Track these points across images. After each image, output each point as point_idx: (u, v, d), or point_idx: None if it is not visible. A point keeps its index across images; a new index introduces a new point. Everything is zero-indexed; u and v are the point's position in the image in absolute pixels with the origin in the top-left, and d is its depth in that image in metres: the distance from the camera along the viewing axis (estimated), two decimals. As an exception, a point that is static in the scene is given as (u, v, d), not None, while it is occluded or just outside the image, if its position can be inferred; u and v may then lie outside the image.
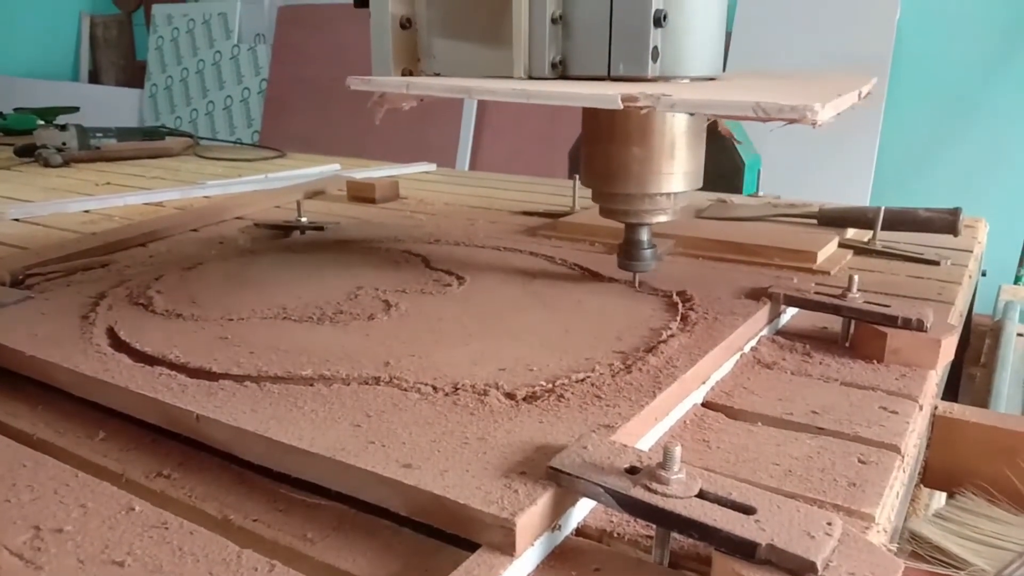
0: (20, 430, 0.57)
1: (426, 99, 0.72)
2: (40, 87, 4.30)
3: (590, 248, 1.11)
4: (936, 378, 0.68)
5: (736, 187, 1.58)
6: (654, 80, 0.69)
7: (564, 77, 0.73)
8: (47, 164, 2.03)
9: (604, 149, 0.76)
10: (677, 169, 0.75)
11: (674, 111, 0.63)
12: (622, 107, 0.58)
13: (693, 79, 0.72)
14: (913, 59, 2.90)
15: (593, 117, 0.76)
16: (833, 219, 1.18)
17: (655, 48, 0.68)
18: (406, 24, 0.77)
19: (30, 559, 0.42)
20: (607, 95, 0.59)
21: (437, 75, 0.77)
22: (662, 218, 0.79)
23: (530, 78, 0.72)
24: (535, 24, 0.70)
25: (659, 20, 0.67)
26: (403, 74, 0.78)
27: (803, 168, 2.96)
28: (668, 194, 0.76)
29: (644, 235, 0.81)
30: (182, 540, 0.43)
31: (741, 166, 1.86)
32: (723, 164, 1.86)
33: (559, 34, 0.71)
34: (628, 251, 0.82)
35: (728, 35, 3.16)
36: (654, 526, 0.41)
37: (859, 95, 0.70)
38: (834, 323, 0.75)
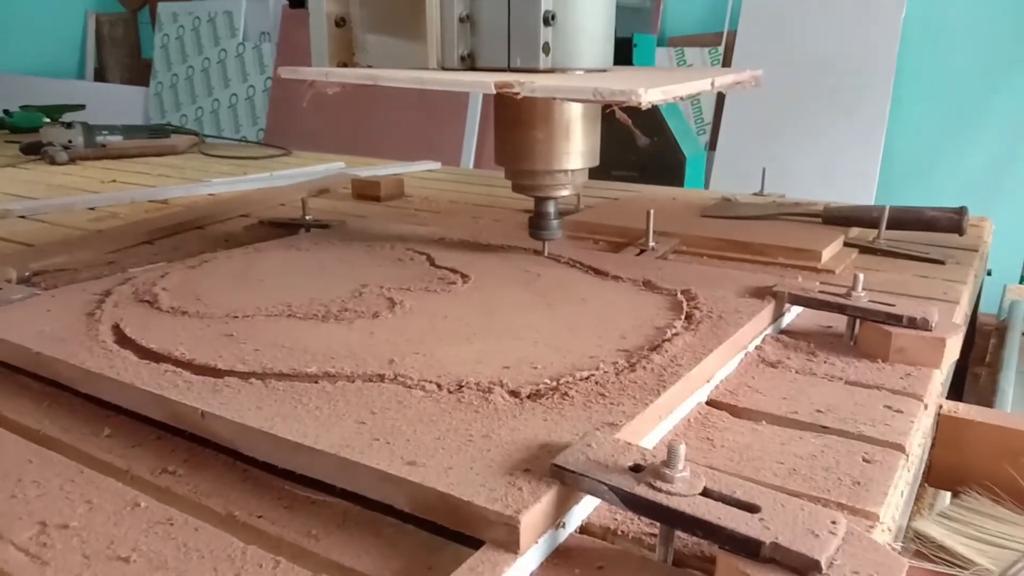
0: (26, 426, 0.57)
1: (347, 86, 0.83)
2: (46, 85, 4.31)
3: (594, 246, 1.11)
4: (941, 377, 0.68)
5: (678, 180, 1.59)
6: (546, 71, 0.80)
7: (473, 68, 0.83)
8: (53, 162, 2.04)
9: (512, 133, 0.87)
10: (574, 149, 0.87)
11: (534, 95, 0.70)
12: (495, 91, 0.70)
13: (587, 71, 0.82)
14: (918, 58, 2.90)
15: (503, 105, 0.86)
16: (838, 218, 1.18)
17: (546, 43, 0.79)
18: (340, 22, 0.88)
19: (36, 554, 0.42)
20: (483, 81, 0.71)
21: (369, 67, 0.87)
22: (564, 192, 0.91)
23: (443, 69, 0.83)
24: (445, 22, 0.81)
25: (547, 20, 0.78)
26: (339, 66, 0.89)
27: (808, 167, 2.95)
28: (567, 171, 0.88)
29: (551, 207, 0.93)
30: (187, 536, 0.43)
31: (682, 160, 1.87)
32: (665, 158, 1.88)
33: (467, 31, 0.81)
34: (537, 222, 0.94)
35: (732, 35, 3.16)
36: (658, 524, 0.41)
37: (711, 84, 0.80)
38: (839, 322, 0.75)
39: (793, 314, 0.80)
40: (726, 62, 3.21)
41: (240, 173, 1.91)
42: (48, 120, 2.42)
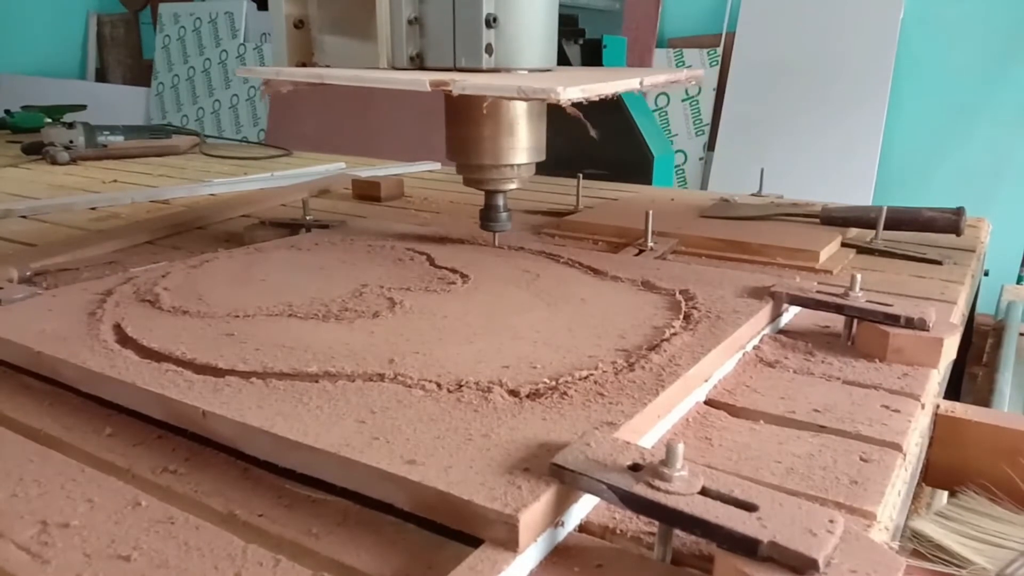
0: (28, 425, 0.57)
1: (299, 84, 0.87)
2: (47, 85, 4.32)
3: (594, 246, 1.11)
4: (938, 377, 0.68)
5: (645, 178, 1.61)
6: (489, 71, 0.84)
7: (423, 68, 0.87)
8: (54, 162, 2.04)
9: (461, 130, 0.92)
10: (519, 145, 0.91)
11: (464, 92, 0.73)
12: (429, 89, 0.74)
13: (531, 71, 0.86)
14: (916, 59, 2.90)
15: (451, 104, 0.90)
16: (836, 218, 1.18)
17: (488, 44, 0.83)
18: (299, 24, 0.93)
19: (37, 553, 0.42)
20: (420, 80, 0.75)
21: (327, 66, 0.92)
22: (512, 185, 0.95)
23: (394, 68, 0.87)
24: (395, 24, 0.85)
25: (489, 22, 0.82)
26: (298, 65, 0.94)
27: (806, 168, 2.96)
28: (513, 165, 0.92)
29: (500, 200, 0.98)
30: (188, 535, 0.43)
31: (650, 159, 1.89)
32: (631, 156, 1.89)
33: (416, 33, 0.86)
34: (487, 215, 0.99)
35: (731, 36, 3.17)
36: (657, 523, 0.41)
37: (640, 83, 0.83)
38: (836, 322, 0.76)
39: (791, 314, 0.80)
40: (724, 63, 3.21)
41: (241, 173, 1.91)
42: (49, 120, 2.42)
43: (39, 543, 0.43)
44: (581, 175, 1.41)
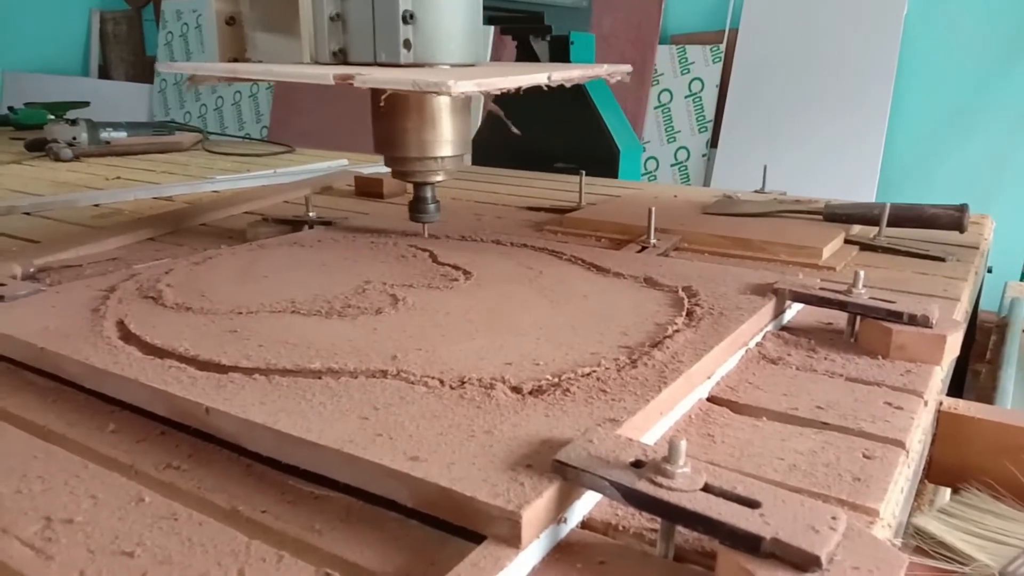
0: (31, 422, 0.57)
1: (221, 78, 0.91)
2: (50, 82, 4.32)
3: (596, 243, 1.11)
4: (941, 374, 0.68)
5: (612, 172, 1.63)
6: (407, 66, 0.86)
7: (345, 63, 0.89)
8: (57, 158, 2.04)
9: (386, 123, 0.94)
10: (443, 138, 0.94)
11: (365, 85, 0.76)
12: (333, 83, 0.76)
13: (454, 65, 0.89)
14: (920, 55, 2.89)
15: (377, 98, 0.91)
16: (839, 215, 1.18)
17: (406, 40, 0.86)
18: (231, 21, 0.96)
19: (41, 549, 0.42)
20: (324, 73, 0.77)
21: (260, 62, 0.95)
22: (438, 178, 0.98)
23: (317, 63, 0.89)
24: (317, 21, 0.87)
25: (406, 18, 0.85)
26: (231, 61, 0.97)
27: (809, 164, 2.95)
28: (437, 158, 0.95)
29: (427, 192, 1.00)
30: (191, 531, 0.44)
31: (616, 153, 1.90)
32: (598, 150, 1.92)
33: (338, 29, 0.88)
34: (416, 206, 1.01)
35: (734, 32, 3.16)
36: (659, 520, 0.41)
37: (548, 78, 0.84)
38: (839, 319, 0.75)
39: (794, 311, 0.80)
40: (727, 60, 3.21)
41: (244, 170, 1.91)
42: (52, 117, 2.42)
43: (43, 539, 0.43)
44: (583, 172, 1.41)
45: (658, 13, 3.33)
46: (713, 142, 3.26)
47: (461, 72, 0.84)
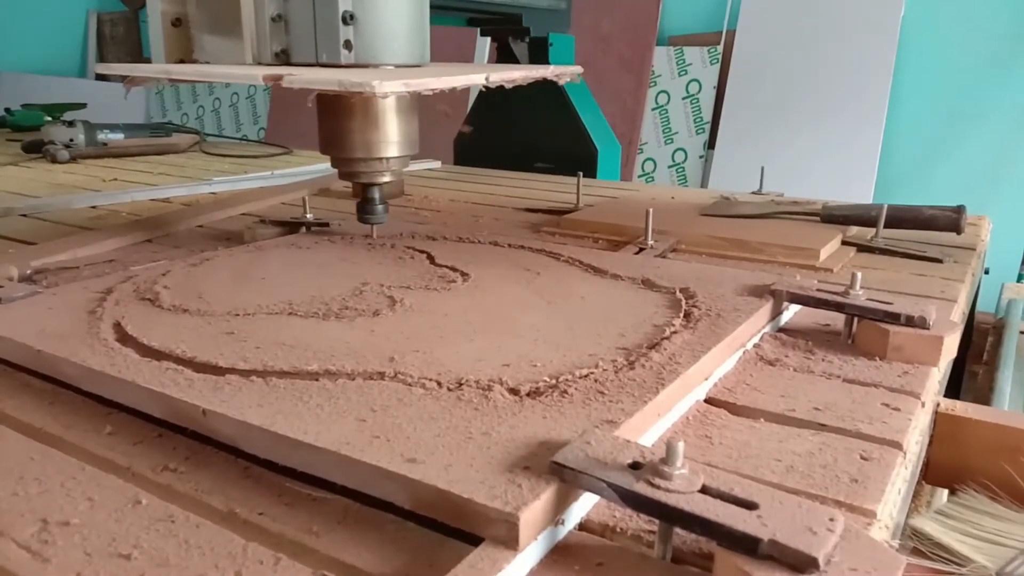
0: (28, 424, 0.57)
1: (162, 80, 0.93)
2: (47, 83, 4.32)
3: (594, 245, 1.11)
4: (938, 375, 0.68)
5: (590, 172, 1.65)
6: (348, 66, 0.86)
7: (288, 64, 0.89)
8: (54, 160, 2.04)
9: (331, 123, 0.93)
10: (389, 138, 0.93)
11: (292, 86, 0.76)
12: (263, 83, 0.77)
13: (398, 66, 0.89)
14: (917, 56, 2.90)
15: (323, 100, 0.92)
16: (836, 217, 1.18)
17: (347, 41, 0.85)
18: (177, 22, 0.96)
19: (37, 551, 0.42)
20: (253, 74, 0.78)
21: (207, 63, 0.94)
22: (385, 178, 0.97)
23: (259, 64, 0.89)
24: (259, 22, 0.88)
25: (346, 19, 0.85)
26: (177, 63, 0.97)
27: (807, 166, 2.95)
28: (383, 158, 0.94)
29: (375, 193, 1.00)
30: (188, 533, 0.43)
31: (594, 153, 1.93)
32: (577, 150, 1.95)
33: (281, 30, 0.88)
34: (363, 207, 1.01)
35: (732, 34, 3.16)
36: (657, 521, 0.41)
37: (486, 79, 0.84)
38: (837, 320, 0.76)
39: (791, 312, 0.80)
40: (725, 61, 3.21)
41: (241, 172, 1.91)
42: (49, 118, 2.42)
43: (39, 541, 0.43)
44: (581, 173, 1.41)
45: (656, 14, 3.33)
46: (710, 143, 3.26)
47: (390, 72, 0.84)
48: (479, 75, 0.83)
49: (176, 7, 0.95)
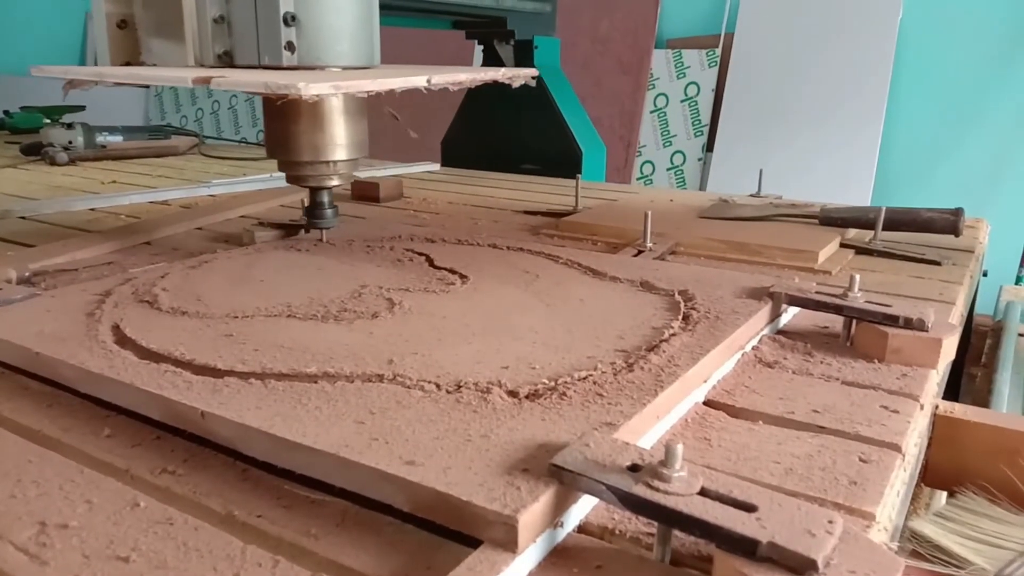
0: (26, 426, 0.57)
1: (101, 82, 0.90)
2: (46, 86, 4.30)
3: (592, 247, 1.11)
4: (937, 378, 0.68)
5: (575, 173, 1.67)
6: (291, 68, 0.85)
7: (232, 66, 0.88)
8: (53, 162, 2.04)
9: (278, 127, 0.92)
10: (336, 142, 0.92)
11: (220, 87, 0.75)
12: (191, 85, 0.75)
13: (345, 68, 0.88)
14: (915, 59, 2.90)
15: (270, 103, 0.91)
16: (834, 219, 1.18)
17: (289, 42, 0.84)
18: (122, 24, 0.94)
19: (35, 554, 0.42)
20: (183, 76, 0.77)
21: (155, 65, 0.94)
22: (333, 182, 0.97)
23: (201, 66, 0.88)
24: (201, 23, 0.87)
25: (288, 20, 0.83)
26: (123, 65, 0.96)
27: (805, 168, 2.96)
28: (329, 162, 0.93)
29: (324, 197, 0.99)
30: (187, 536, 0.43)
31: (579, 154, 1.95)
32: (561, 151, 1.97)
33: (223, 31, 0.87)
34: (312, 212, 1.00)
35: (730, 36, 3.17)
36: (656, 523, 0.41)
37: (428, 81, 0.82)
38: (835, 323, 0.76)
39: (790, 315, 0.80)
40: (723, 64, 3.21)
41: (240, 174, 1.91)
42: (48, 121, 2.42)
43: (38, 544, 0.43)
44: (579, 176, 1.41)
45: (654, 17, 3.33)
46: (709, 146, 3.26)
47: (322, 75, 0.83)
48: (420, 78, 0.82)
49: (122, 8, 0.94)
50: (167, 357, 0.61)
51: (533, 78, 0.95)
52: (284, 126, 0.92)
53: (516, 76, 0.92)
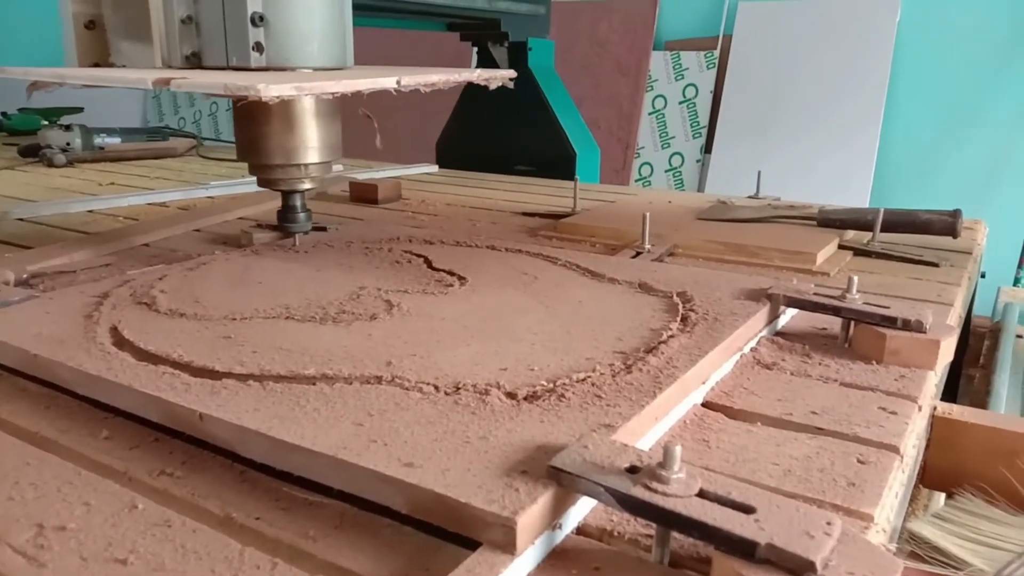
0: (24, 428, 0.57)
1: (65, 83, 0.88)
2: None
3: (591, 249, 1.11)
4: (935, 379, 0.68)
5: (568, 174, 1.68)
6: (260, 70, 0.84)
7: (200, 67, 0.86)
8: (51, 164, 2.04)
9: (249, 129, 0.91)
10: (308, 144, 0.91)
11: (180, 89, 0.73)
12: (151, 87, 0.74)
13: (316, 69, 0.87)
14: (913, 61, 2.91)
15: (241, 105, 0.87)
16: (833, 221, 1.18)
17: (257, 43, 0.83)
18: (90, 25, 0.93)
19: (33, 556, 0.42)
20: (142, 78, 0.75)
21: (124, 66, 0.92)
22: (305, 185, 0.95)
23: (168, 67, 0.86)
24: (169, 24, 0.85)
25: (255, 21, 0.82)
26: (92, 67, 0.94)
27: (803, 170, 2.96)
28: (301, 164, 0.92)
29: (296, 201, 0.98)
30: (185, 538, 0.43)
31: (573, 155, 1.96)
32: (555, 152, 1.99)
33: (191, 32, 0.86)
34: (284, 215, 0.99)
35: (728, 38, 3.17)
36: (654, 525, 0.41)
37: (397, 83, 0.80)
38: (833, 324, 0.76)
39: (788, 316, 0.80)
40: (721, 65, 3.22)
41: (238, 176, 1.90)
42: (46, 123, 2.42)
43: (35, 546, 0.43)
44: (577, 177, 1.41)
45: (652, 19, 3.34)
46: (707, 148, 3.27)
47: (284, 76, 0.82)
48: (389, 79, 0.80)
49: (89, 8, 0.93)
50: (165, 359, 0.61)
51: (511, 80, 0.93)
52: (254, 128, 0.91)
53: (492, 78, 0.90)
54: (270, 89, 0.69)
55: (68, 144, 2.10)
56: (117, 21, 0.91)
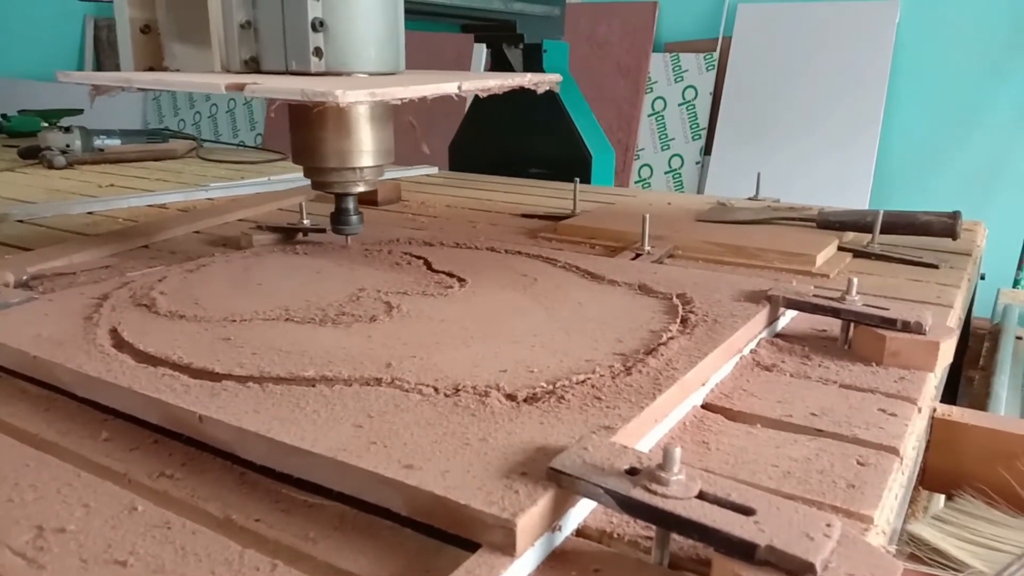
0: (24, 430, 0.57)
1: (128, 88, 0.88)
2: (44, 89, 4.31)
3: (591, 251, 1.11)
4: (935, 381, 0.68)
5: (584, 177, 1.68)
6: (319, 75, 0.85)
7: (258, 72, 0.87)
8: (51, 166, 2.04)
9: (304, 134, 0.92)
10: (363, 148, 0.92)
11: (255, 95, 0.75)
12: (224, 91, 0.75)
13: (371, 74, 0.87)
14: (912, 63, 2.91)
15: (295, 109, 0.91)
16: (832, 222, 1.18)
17: (317, 48, 0.84)
18: (146, 29, 0.94)
19: (33, 558, 0.42)
20: (216, 83, 0.76)
21: (178, 70, 0.93)
22: (359, 188, 0.96)
23: (227, 72, 0.87)
24: (228, 28, 0.86)
25: (316, 26, 0.83)
26: (147, 71, 0.95)
27: (803, 171, 2.96)
28: (356, 168, 0.92)
29: (349, 203, 0.99)
30: (184, 540, 0.43)
31: (588, 158, 1.97)
32: (570, 155, 1.99)
33: (250, 37, 0.86)
34: (338, 218, 0.99)
35: (728, 40, 3.17)
36: (654, 527, 0.41)
37: (459, 87, 0.82)
38: (833, 326, 0.76)
39: (788, 318, 0.80)
40: (721, 67, 3.22)
41: (238, 177, 1.91)
42: (46, 124, 2.41)
43: (35, 548, 0.43)
44: (577, 179, 1.41)
45: (652, 21, 3.34)
46: (707, 149, 3.27)
47: (357, 81, 0.82)
48: (451, 84, 0.81)
49: (145, 13, 0.94)
50: (165, 361, 0.61)
51: (558, 83, 0.95)
52: (310, 132, 0.91)
53: (542, 82, 0.93)
54: (347, 95, 0.70)
55: (68, 146, 2.10)
56: (171, 25, 0.92)
